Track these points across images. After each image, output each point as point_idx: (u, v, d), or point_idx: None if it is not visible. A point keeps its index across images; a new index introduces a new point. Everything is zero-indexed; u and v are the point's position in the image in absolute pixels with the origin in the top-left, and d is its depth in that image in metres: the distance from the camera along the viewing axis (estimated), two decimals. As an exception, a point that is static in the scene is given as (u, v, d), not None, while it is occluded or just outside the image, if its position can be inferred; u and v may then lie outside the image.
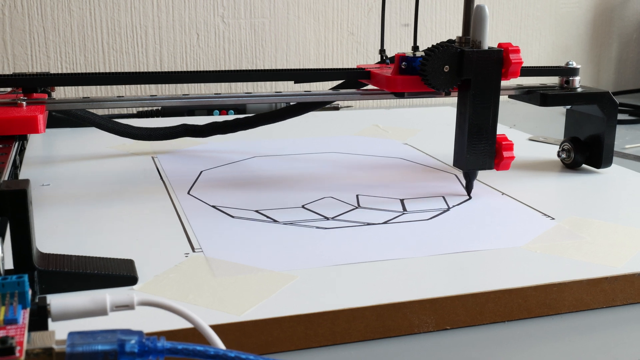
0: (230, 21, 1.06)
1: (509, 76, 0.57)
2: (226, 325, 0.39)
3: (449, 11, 1.18)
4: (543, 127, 0.92)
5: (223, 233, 0.52)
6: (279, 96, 0.62)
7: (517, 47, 0.57)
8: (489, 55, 0.56)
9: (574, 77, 0.69)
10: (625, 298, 0.46)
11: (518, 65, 0.57)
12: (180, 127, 0.73)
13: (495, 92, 0.57)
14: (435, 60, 0.56)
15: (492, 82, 0.57)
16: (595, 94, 0.68)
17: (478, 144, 0.58)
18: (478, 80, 0.57)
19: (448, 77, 0.56)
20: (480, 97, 0.57)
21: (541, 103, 0.67)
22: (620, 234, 0.53)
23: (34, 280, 0.41)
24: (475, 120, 0.58)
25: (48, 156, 0.74)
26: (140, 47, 1.02)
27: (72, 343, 0.31)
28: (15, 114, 0.51)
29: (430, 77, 0.56)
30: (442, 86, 0.57)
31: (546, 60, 1.25)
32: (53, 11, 0.97)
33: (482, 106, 0.58)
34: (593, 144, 0.69)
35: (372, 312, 0.41)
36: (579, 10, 1.27)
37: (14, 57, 0.97)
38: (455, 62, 0.56)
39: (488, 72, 0.57)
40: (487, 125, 0.58)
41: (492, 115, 0.58)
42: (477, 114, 0.58)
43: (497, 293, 0.43)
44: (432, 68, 0.56)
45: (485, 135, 0.58)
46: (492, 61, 0.57)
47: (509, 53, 0.57)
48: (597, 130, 0.68)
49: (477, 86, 0.57)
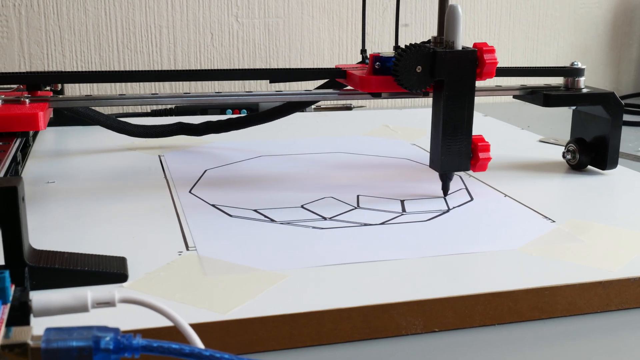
0: (244, 21, 1.06)
1: (484, 76, 0.56)
2: (210, 324, 0.39)
3: (464, 11, 1.17)
4: (558, 129, 0.91)
5: (219, 232, 0.52)
6: (279, 95, 0.62)
7: (492, 47, 0.56)
8: (463, 55, 0.56)
9: (579, 78, 0.68)
10: (621, 303, 0.45)
11: (493, 65, 0.56)
12: (176, 125, 0.74)
13: (469, 92, 0.57)
14: (407, 61, 0.55)
15: (466, 82, 0.56)
16: (600, 94, 0.67)
17: (453, 145, 0.57)
18: (451, 80, 0.56)
19: (421, 78, 0.56)
20: (454, 97, 0.57)
21: (544, 103, 0.66)
22: (621, 237, 0.52)
23: (24, 276, 0.41)
24: (450, 121, 0.57)
25: (57, 153, 0.75)
26: (154, 46, 1.03)
27: (48, 339, 0.31)
28: (16, 111, 0.52)
29: (403, 78, 0.55)
30: (415, 86, 0.56)
31: (564, 61, 1.24)
32: (69, 10, 0.98)
33: (456, 107, 0.57)
34: (598, 145, 0.68)
35: (359, 312, 0.41)
36: (599, 10, 1.25)
37: (30, 56, 0.98)
38: (427, 62, 0.55)
39: (462, 72, 0.56)
40: (462, 126, 0.57)
41: (467, 116, 0.57)
42: (451, 115, 0.57)
43: (487, 296, 0.43)
44: (404, 68, 0.55)
45: (461, 136, 0.57)
46: (466, 61, 0.56)
47: (484, 53, 0.56)
48: (602, 131, 0.68)
49: (451, 87, 0.56)
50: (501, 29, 1.20)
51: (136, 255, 0.47)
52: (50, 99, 0.56)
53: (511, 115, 1.00)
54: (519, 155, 0.76)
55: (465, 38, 1.18)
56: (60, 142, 0.80)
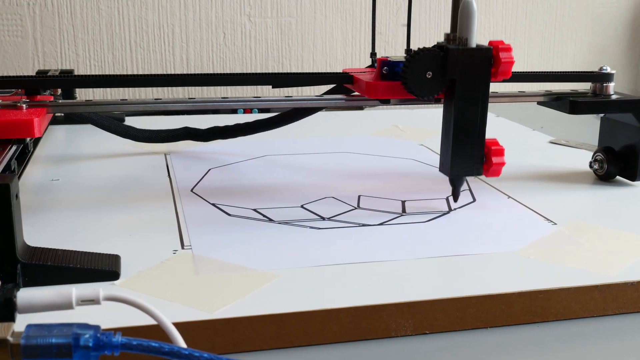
0: (257, 20, 1.06)
1: (499, 76, 0.53)
2: (197, 323, 0.39)
3: (480, 11, 1.16)
4: (573, 130, 0.90)
5: (216, 231, 0.52)
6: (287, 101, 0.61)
7: (508, 45, 0.53)
8: (476, 53, 0.52)
9: (608, 84, 0.65)
10: (618, 308, 0.45)
11: (509, 64, 0.53)
12: (182, 130, 0.73)
13: (483, 93, 0.54)
14: (416, 66, 0.52)
15: (480, 82, 0.53)
16: (631, 101, 0.64)
17: (465, 149, 0.54)
18: (464, 80, 0.53)
19: (431, 84, 0.53)
20: (467, 98, 0.53)
21: (571, 111, 0.63)
22: (622, 240, 0.51)
23: (16, 272, 0.42)
24: (462, 123, 0.54)
25: (65, 151, 0.76)
26: (167, 45, 1.03)
27: (28, 335, 0.31)
28: (11, 116, 0.51)
29: (412, 84, 0.53)
30: (425, 93, 0.53)
31: (582, 61, 1.22)
32: (82, 9, 0.99)
33: (469, 108, 0.54)
34: (629, 154, 0.65)
35: (347, 313, 0.41)
36: (617, 10, 1.23)
37: (44, 55, 0.99)
38: (438, 67, 0.52)
39: (475, 71, 0.53)
40: (474, 128, 0.54)
41: (480, 117, 0.54)
42: (464, 116, 0.54)
43: (479, 298, 0.42)
44: (413, 74, 0.52)
45: (473, 139, 0.54)
46: (480, 60, 0.53)
47: (499, 51, 0.52)
48: (632, 140, 0.64)
49: (463, 86, 0.53)
50: (517, 29, 1.19)
51: (131, 253, 0.47)
52: (48, 104, 0.55)
53: (525, 115, 0.98)
54: (528, 157, 0.76)
55: (480, 38, 1.17)
56: (70, 140, 0.80)
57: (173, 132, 0.73)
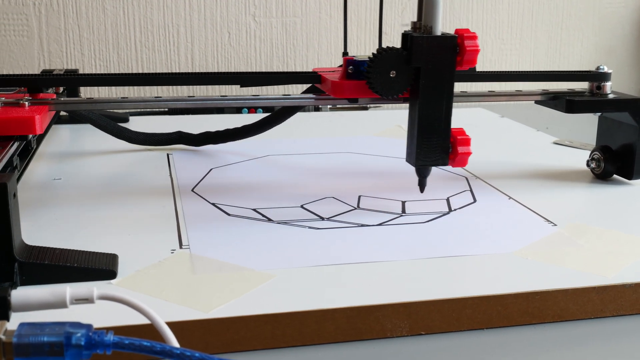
0: (262, 20, 1.06)
1: (465, 65, 0.52)
2: (192, 323, 0.39)
3: (485, 11, 1.16)
4: (578, 130, 0.90)
5: (215, 231, 0.52)
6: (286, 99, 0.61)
7: (474, 34, 0.52)
8: (441, 41, 0.52)
9: (605, 83, 0.65)
10: (616, 309, 0.44)
11: (474, 53, 0.52)
12: (175, 134, 0.74)
13: (449, 82, 0.53)
14: (380, 65, 0.52)
15: (445, 71, 0.52)
16: (627, 100, 0.64)
17: (430, 139, 0.54)
18: (429, 68, 0.52)
19: (395, 83, 0.52)
20: (431, 87, 0.53)
21: (567, 110, 0.63)
22: (622, 242, 0.51)
23: (14, 271, 0.42)
24: (427, 113, 0.53)
25: (69, 151, 0.76)
26: (172, 45, 1.04)
27: (20, 334, 0.32)
28: (13, 114, 0.51)
29: (376, 83, 0.52)
30: (389, 92, 0.53)
31: (588, 61, 1.22)
32: (88, 9, 1.00)
33: (434, 97, 0.53)
34: (625, 153, 0.65)
35: (342, 314, 0.41)
36: (625, 10, 1.23)
37: (49, 54, 1.00)
38: (402, 66, 0.52)
39: (440, 60, 0.52)
40: (440, 118, 0.53)
41: (445, 107, 0.53)
42: (429, 106, 0.53)
43: (475, 299, 0.42)
44: (377, 73, 0.52)
45: (438, 129, 0.53)
46: (445, 48, 0.52)
47: (465, 39, 0.52)
48: (629, 139, 0.64)
49: (428, 75, 0.52)
50: (523, 29, 1.19)
51: (130, 252, 0.48)
52: (51, 102, 0.56)
53: (530, 116, 0.98)
54: (531, 157, 0.75)
55: (485, 38, 1.17)
56: (74, 140, 0.81)
57: (167, 135, 0.75)
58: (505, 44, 1.18)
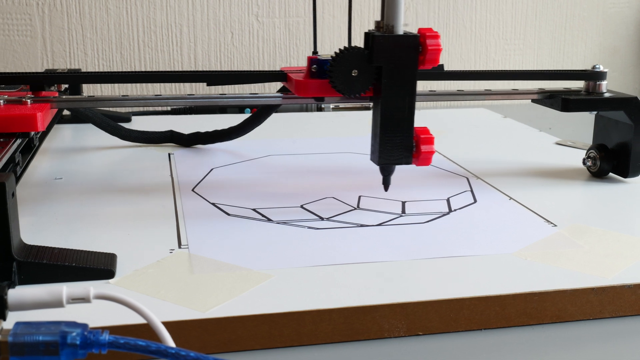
0: (265, 20, 1.06)
1: (427, 64, 0.52)
2: (189, 322, 0.39)
3: (489, 11, 1.16)
4: (581, 131, 0.89)
5: (214, 230, 0.52)
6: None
7: (436, 33, 0.52)
8: (403, 40, 0.52)
9: (601, 82, 0.66)
10: (615, 311, 0.44)
11: (436, 52, 0.52)
12: (167, 133, 0.76)
13: (410, 81, 0.53)
14: (341, 64, 0.52)
15: (407, 70, 0.52)
16: (622, 99, 0.64)
17: (393, 137, 0.54)
18: (391, 67, 0.52)
19: (358, 81, 0.52)
20: (393, 86, 0.53)
21: (563, 108, 0.63)
22: (622, 243, 0.51)
23: (12, 270, 0.42)
24: (389, 111, 0.53)
25: (71, 150, 0.76)
26: (175, 45, 1.04)
27: (15, 333, 0.32)
28: (15, 111, 0.52)
29: (338, 82, 0.53)
30: (351, 91, 0.53)
31: (592, 61, 1.21)
32: (91, 9, 1.00)
33: (396, 96, 0.53)
34: (621, 152, 0.66)
35: (339, 314, 0.41)
36: (629, 10, 1.22)
37: (52, 54, 1.00)
38: (364, 65, 0.52)
39: (402, 59, 0.52)
40: (402, 116, 0.53)
41: (408, 105, 0.53)
42: (391, 105, 0.53)
43: (473, 300, 0.42)
44: (339, 72, 0.52)
45: (401, 128, 0.54)
46: (407, 47, 0.52)
47: (427, 38, 0.51)
48: (624, 137, 0.65)
49: (390, 74, 0.52)
50: (527, 29, 1.18)
51: (129, 251, 0.48)
52: (52, 100, 0.56)
53: (533, 117, 0.98)
54: (533, 158, 0.75)
55: (489, 38, 1.16)
56: (76, 139, 0.81)
57: (159, 134, 0.76)
58: (509, 44, 1.18)
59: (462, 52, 1.14)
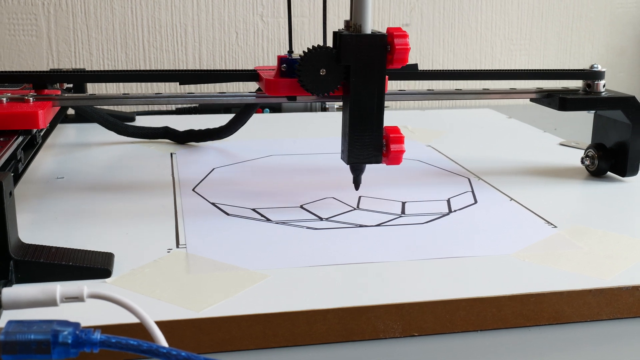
0: (270, 20, 1.07)
1: (396, 63, 0.52)
2: (183, 322, 0.39)
3: (495, 11, 1.15)
4: (586, 132, 0.89)
5: (213, 230, 0.52)
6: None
7: (404, 32, 0.52)
8: (371, 40, 0.52)
9: (599, 81, 0.66)
10: (613, 313, 0.44)
11: (404, 51, 0.52)
12: (162, 129, 0.78)
13: (379, 80, 0.53)
14: (309, 64, 0.52)
15: (375, 69, 0.52)
16: (619, 98, 0.65)
17: (362, 136, 0.54)
18: (359, 67, 0.52)
19: (326, 81, 0.53)
20: (361, 85, 0.53)
21: (560, 107, 0.64)
22: (622, 244, 0.51)
23: (9, 269, 0.42)
24: (358, 111, 0.53)
25: (74, 149, 0.76)
26: (179, 45, 1.04)
27: (7, 331, 0.32)
28: (18, 109, 0.53)
29: (307, 81, 0.53)
30: (320, 90, 0.53)
31: (599, 62, 1.20)
32: (96, 9, 1.00)
33: (364, 95, 0.53)
34: (619, 151, 0.66)
35: (334, 314, 0.40)
36: (637, 11, 1.22)
37: (58, 54, 1.00)
38: (332, 64, 0.52)
39: (370, 58, 0.52)
40: (371, 115, 0.54)
41: (377, 104, 0.53)
42: (360, 104, 0.53)
43: (470, 301, 0.42)
44: (307, 72, 0.52)
45: (370, 127, 0.54)
46: (375, 47, 0.52)
47: (395, 38, 0.51)
48: (622, 136, 0.65)
49: (358, 73, 0.52)
50: (533, 29, 1.18)
51: (127, 251, 0.48)
52: (54, 98, 0.57)
53: (538, 117, 0.98)
54: (536, 158, 0.75)
55: (494, 38, 1.16)
56: (80, 138, 0.81)
57: (154, 129, 0.78)
58: (515, 45, 1.17)
59: (468, 52, 1.14)
